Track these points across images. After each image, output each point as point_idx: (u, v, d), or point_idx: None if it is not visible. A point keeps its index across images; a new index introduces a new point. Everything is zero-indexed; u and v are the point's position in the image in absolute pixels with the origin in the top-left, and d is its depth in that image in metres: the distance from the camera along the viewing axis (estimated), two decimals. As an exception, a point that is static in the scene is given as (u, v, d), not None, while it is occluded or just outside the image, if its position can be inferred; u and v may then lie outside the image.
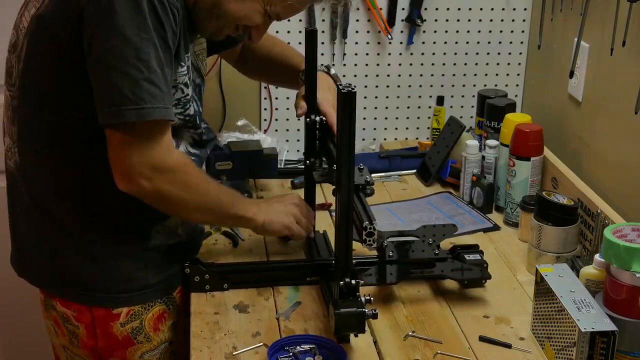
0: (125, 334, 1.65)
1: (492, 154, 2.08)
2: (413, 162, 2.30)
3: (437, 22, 2.36)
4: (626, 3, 1.77)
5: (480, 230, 1.99)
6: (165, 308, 1.69)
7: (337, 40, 2.32)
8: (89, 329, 1.64)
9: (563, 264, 1.63)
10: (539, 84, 2.37)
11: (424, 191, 2.20)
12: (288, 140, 2.33)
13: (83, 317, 1.63)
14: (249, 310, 1.64)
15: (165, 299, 1.69)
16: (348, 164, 1.43)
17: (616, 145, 1.92)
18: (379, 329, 1.60)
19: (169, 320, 1.70)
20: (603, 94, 1.98)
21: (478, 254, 1.75)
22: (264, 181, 2.22)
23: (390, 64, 2.39)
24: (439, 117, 2.41)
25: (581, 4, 1.97)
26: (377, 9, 2.30)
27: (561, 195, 1.81)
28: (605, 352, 1.39)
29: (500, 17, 2.38)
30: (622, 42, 1.81)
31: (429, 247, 1.73)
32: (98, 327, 1.64)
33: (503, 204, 2.05)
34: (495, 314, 1.65)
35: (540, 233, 1.79)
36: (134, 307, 1.64)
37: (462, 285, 1.73)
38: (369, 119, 2.44)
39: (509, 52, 2.41)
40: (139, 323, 1.65)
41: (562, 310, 1.46)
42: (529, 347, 1.55)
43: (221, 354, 1.52)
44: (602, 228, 1.65)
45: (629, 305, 1.44)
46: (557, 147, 2.12)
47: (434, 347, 1.55)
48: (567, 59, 2.09)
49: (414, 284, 1.75)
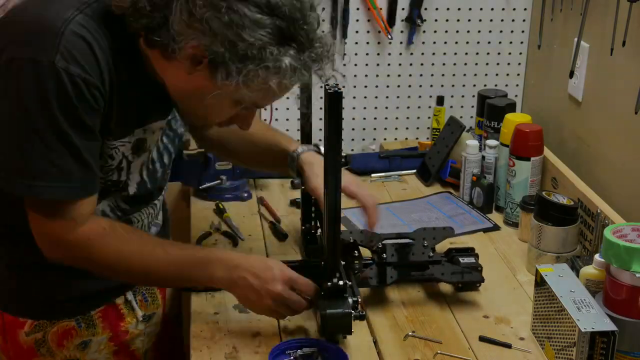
0: (30, 344, 1.58)
1: (492, 154, 2.08)
2: (413, 162, 2.30)
3: (437, 22, 2.36)
4: (626, 3, 1.77)
5: (480, 230, 1.99)
6: (74, 325, 1.59)
7: (337, 40, 2.32)
8: (2, 334, 1.59)
9: (563, 264, 1.63)
10: (539, 84, 2.37)
11: (424, 191, 2.20)
12: (288, 140, 2.32)
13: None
14: (249, 310, 1.64)
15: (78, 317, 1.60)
16: (334, 168, 1.42)
17: (616, 145, 1.92)
18: (379, 329, 1.60)
19: (78, 339, 1.60)
20: (603, 94, 1.98)
21: (473, 257, 1.74)
22: (264, 181, 2.22)
23: (390, 64, 2.39)
24: (439, 117, 2.41)
25: (581, 4, 1.97)
26: (377, 9, 2.30)
27: (561, 195, 1.81)
28: (605, 352, 1.39)
29: (500, 17, 2.38)
30: (622, 42, 1.81)
31: (424, 250, 1.72)
32: (8, 333, 1.58)
33: (503, 204, 2.05)
34: (495, 314, 1.65)
35: (540, 233, 1.78)
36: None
37: (455, 289, 1.72)
38: (369, 119, 2.44)
39: (509, 52, 2.41)
40: (42, 335, 1.58)
41: (562, 310, 1.45)
42: (529, 347, 1.55)
43: (221, 354, 1.52)
44: (602, 228, 1.65)
45: (629, 305, 1.43)
46: (557, 147, 2.12)
47: (434, 347, 1.55)
48: (567, 59, 2.09)
49: (413, 285, 1.74)
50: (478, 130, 2.24)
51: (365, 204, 1.71)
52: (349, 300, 1.49)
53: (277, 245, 1.90)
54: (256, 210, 2.08)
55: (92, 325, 1.61)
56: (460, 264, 1.71)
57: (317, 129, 2.29)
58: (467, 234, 1.97)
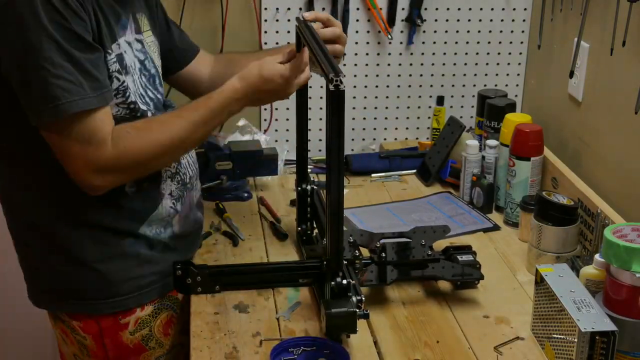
0: (136, 342, 1.66)
1: (492, 154, 2.08)
2: (413, 162, 2.30)
3: (437, 22, 2.36)
4: (626, 3, 1.77)
5: (480, 230, 1.99)
6: (172, 313, 1.69)
7: (337, 40, 2.31)
8: (97, 340, 1.64)
9: (563, 264, 1.63)
10: (539, 84, 2.37)
11: (424, 191, 2.20)
12: (288, 140, 2.32)
13: (90, 328, 1.63)
14: (249, 310, 1.64)
15: (169, 303, 1.68)
16: (337, 168, 1.42)
17: (616, 145, 1.92)
18: (379, 329, 1.60)
19: (178, 324, 1.70)
20: (603, 94, 1.98)
21: (471, 254, 1.75)
22: (264, 181, 2.22)
23: (390, 64, 2.39)
24: (439, 117, 2.41)
25: (581, 4, 1.97)
26: (377, 9, 2.30)
27: (561, 195, 1.81)
28: (605, 352, 1.39)
29: (500, 17, 2.38)
30: (622, 42, 1.81)
31: (422, 249, 1.72)
32: (106, 337, 1.64)
33: (503, 204, 2.05)
34: (495, 314, 1.65)
35: (540, 233, 1.79)
36: (141, 316, 1.64)
37: (454, 287, 1.73)
38: (369, 119, 2.44)
39: (509, 52, 2.41)
40: (148, 331, 1.66)
41: (562, 310, 1.45)
42: (529, 347, 1.55)
43: (221, 354, 1.52)
44: (602, 228, 1.65)
45: (629, 305, 1.44)
46: (557, 147, 2.12)
47: (434, 347, 1.55)
48: (567, 59, 2.09)
49: (413, 285, 1.75)
50: (478, 130, 2.24)
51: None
52: (353, 299, 1.50)
53: (277, 245, 1.91)
54: (256, 210, 2.08)
55: (181, 308, 1.69)
56: (459, 262, 1.72)
57: (316, 129, 2.30)
58: (467, 234, 1.97)
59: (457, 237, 1.93)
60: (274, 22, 2.28)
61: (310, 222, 1.87)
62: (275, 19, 2.28)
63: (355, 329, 1.49)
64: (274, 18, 2.28)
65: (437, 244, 1.75)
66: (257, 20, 2.27)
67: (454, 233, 1.92)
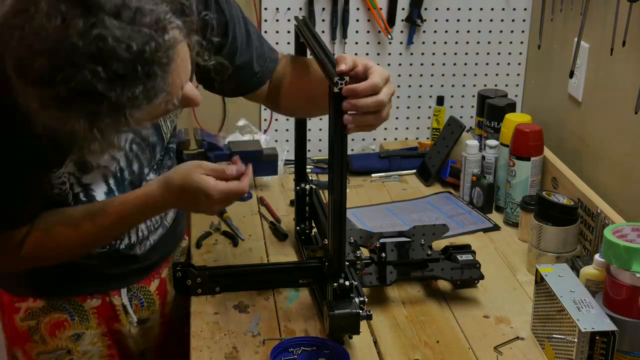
0: (24, 330, 1.64)
1: (492, 154, 2.08)
2: (413, 162, 2.30)
3: (437, 22, 2.36)
4: (626, 3, 1.77)
5: (480, 230, 1.99)
6: (67, 318, 1.63)
7: (337, 40, 2.32)
8: (1, 310, 1.67)
9: (563, 264, 1.63)
10: (539, 84, 2.37)
11: (424, 191, 2.20)
12: (288, 140, 2.32)
13: None
14: (249, 310, 1.64)
15: (68, 307, 1.62)
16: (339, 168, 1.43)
17: (616, 145, 1.92)
18: (379, 329, 1.60)
19: (70, 330, 1.64)
20: (603, 94, 1.98)
21: (470, 254, 1.75)
22: (264, 181, 2.22)
23: (390, 64, 2.39)
24: (439, 117, 2.41)
25: (581, 4, 1.97)
26: (377, 9, 2.30)
27: (561, 195, 1.81)
28: (605, 352, 1.39)
29: (500, 17, 2.38)
30: (622, 42, 1.81)
31: (422, 248, 1.72)
32: (5, 314, 1.66)
33: (503, 204, 2.05)
34: (495, 314, 1.65)
35: (540, 233, 1.79)
36: (32, 307, 1.62)
37: (454, 286, 1.73)
38: (369, 119, 2.44)
39: (509, 52, 2.41)
40: (35, 323, 1.63)
41: (562, 310, 1.45)
42: (529, 347, 1.55)
43: (221, 354, 1.52)
44: (602, 228, 1.65)
45: (629, 305, 1.44)
46: (557, 147, 2.12)
47: (434, 347, 1.55)
48: (567, 59, 2.09)
49: (413, 284, 1.75)
50: (478, 130, 2.24)
51: None
52: (356, 300, 1.50)
53: (277, 246, 1.90)
54: (256, 210, 2.08)
55: (86, 319, 1.64)
56: (459, 262, 1.72)
57: (316, 129, 2.30)
58: (467, 234, 1.97)
59: (457, 237, 1.93)
60: (274, 22, 2.28)
61: (309, 222, 1.87)
62: (275, 19, 2.28)
63: (359, 330, 1.49)
64: (274, 18, 2.28)
65: (436, 244, 1.75)
66: (257, 21, 2.27)
67: (454, 233, 1.93)
